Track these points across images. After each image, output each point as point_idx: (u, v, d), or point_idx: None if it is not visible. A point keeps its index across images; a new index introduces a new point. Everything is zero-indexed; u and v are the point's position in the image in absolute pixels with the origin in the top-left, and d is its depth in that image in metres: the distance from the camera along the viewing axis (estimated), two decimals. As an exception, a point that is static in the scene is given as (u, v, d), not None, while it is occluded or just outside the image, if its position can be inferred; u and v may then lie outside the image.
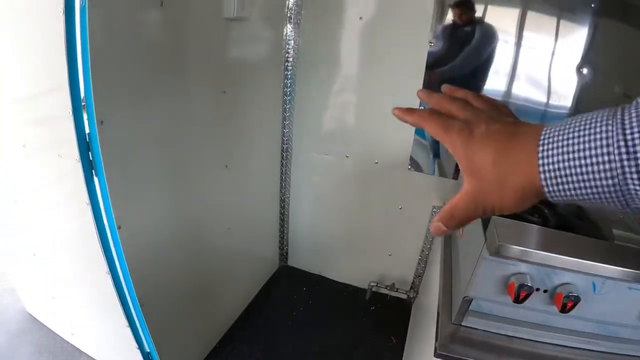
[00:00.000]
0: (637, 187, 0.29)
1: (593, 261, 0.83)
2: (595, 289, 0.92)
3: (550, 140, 0.33)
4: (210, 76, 1.46)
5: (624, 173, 0.29)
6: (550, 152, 0.33)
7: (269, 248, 2.39)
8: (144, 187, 1.27)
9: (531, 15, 1.54)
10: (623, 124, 0.29)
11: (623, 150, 0.29)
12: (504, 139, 0.38)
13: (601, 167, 0.30)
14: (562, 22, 1.51)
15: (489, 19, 1.59)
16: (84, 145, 1.12)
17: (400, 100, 1.49)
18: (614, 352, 1.02)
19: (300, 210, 2.34)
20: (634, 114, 0.29)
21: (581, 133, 0.31)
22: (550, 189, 0.34)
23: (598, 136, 0.30)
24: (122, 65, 1.11)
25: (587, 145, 0.31)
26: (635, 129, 0.28)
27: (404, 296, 2.26)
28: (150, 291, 1.37)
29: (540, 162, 0.34)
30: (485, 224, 0.95)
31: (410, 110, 0.46)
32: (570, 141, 0.32)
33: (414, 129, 1.75)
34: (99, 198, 1.19)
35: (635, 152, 0.28)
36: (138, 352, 1.55)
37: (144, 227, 1.30)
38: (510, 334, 1.04)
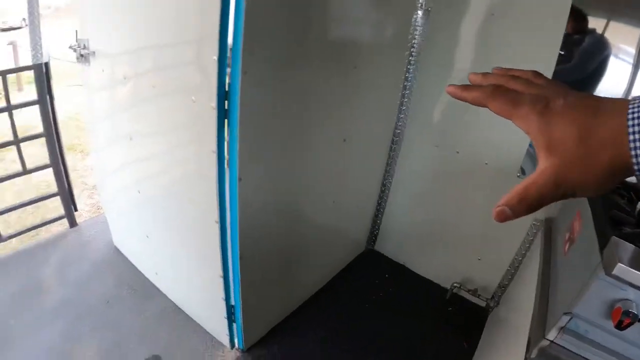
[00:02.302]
0: None
1: None
2: None
3: None
4: (344, 50, 1.45)
5: None
6: None
7: (361, 229, 2.38)
8: (269, 146, 1.29)
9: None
10: None
11: None
12: (588, 113, 0.34)
13: None
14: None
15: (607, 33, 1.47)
16: (223, 94, 1.14)
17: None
18: None
19: (399, 197, 2.30)
20: None
21: None
22: None
23: None
24: (270, 25, 1.12)
25: None
26: None
27: (483, 304, 2.18)
28: (251, 247, 1.40)
29: (631, 137, 0.31)
30: (602, 242, 0.91)
31: (469, 87, 0.42)
32: None
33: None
34: (225, 148, 1.21)
35: None
36: (223, 303, 1.60)
37: (261, 184, 1.32)
38: (602, 364, 0.97)
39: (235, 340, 1.82)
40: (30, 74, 2.34)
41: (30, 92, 7.70)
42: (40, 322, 2.13)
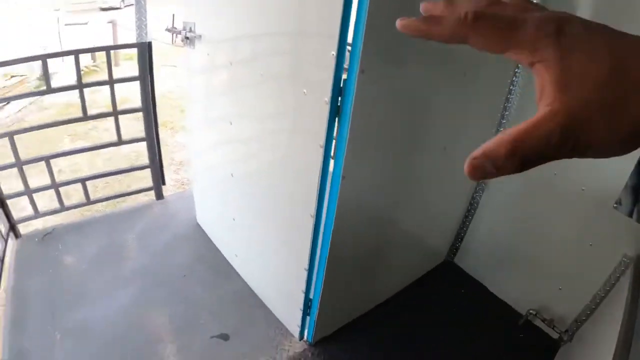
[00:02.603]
0: None
1: None
2: None
3: None
4: (457, 55, 1.38)
5: None
6: None
7: (443, 239, 2.31)
8: (375, 147, 1.27)
9: None
10: None
11: None
12: (622, 43, 0.25)
13: None
14: None
15: None
16: (337, 90, 1.13)
17: None
18: None
19: (487, 213, 2.19)
20: None
21: None
22: None
23: None
24: (391, 26, 1.08)
25: None
26: None
27: (556, 336, 2.03)
28: (340, 245, 1.39)
29: None
30: None
31: (434, 18, 0.29)
32: None
33: (635, 160, 1.50)
34: (333, 143, 1.20)
35: None
36: (301, 295, 1.61)
37: (362, 184, 1.30)
38: None
39: (305, 332, 1.83)
40: (126, 51, 2.47)
41: (126, 68, 8.28)
42: (117, 284, 2.26)
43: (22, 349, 1.93)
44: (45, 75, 2.31)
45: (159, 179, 2.86)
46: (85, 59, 8.11)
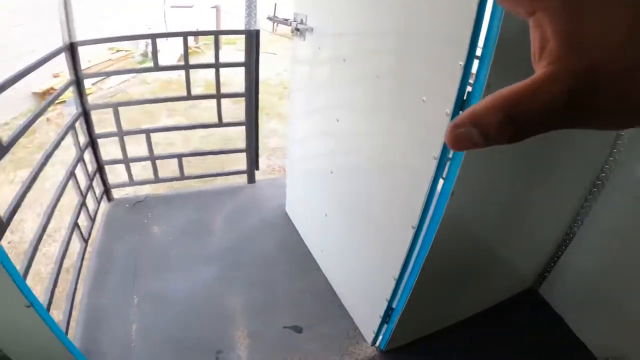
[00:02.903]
0: None
1: None
2: None
3: None
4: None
5: None
6: None
7: (532, 267, 2.15)
8: (490, 167, 1.19)
9: None
10: None
11: None
12: None
13: None
14: None
15: None
16: (460, 102, 1.07)
17: None
18: None
19: (582, 247, 1.97)
20: None
21: None
22: None
23: None
24: (521, 39, 1.00)
25: None
26: None
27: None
28: (434, 259, 1.33)
29: None
30: None
31: None
32: None
33: None
34: (447, 158, 1.14)
35: None
36: (384, 303, 1.58)
37: (469, 203, 1.24)
38: None
39: (379, 340, 1.80)
40: (227, 36, 2.55)
41: (226, 52, 8.69)
42: (200, 259, 2.37)
43: (99, 305, 2.08)
44: (154, 54, 2.49)
45: (253, 163, 2.96)
46: (188, 40, 8.57)
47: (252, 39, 2.43)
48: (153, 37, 2.45)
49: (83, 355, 1.38)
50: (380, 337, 1.78)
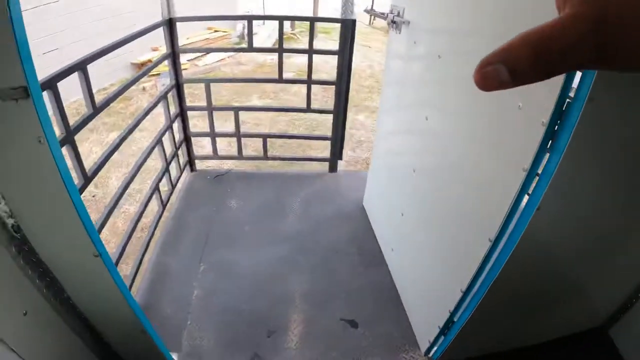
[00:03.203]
0: None
1: None
2: None
3: None
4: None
5: None
6: None
7: (607, 303, 1.91)
8: (582, 187, 1.07)
9: None
10: None
11: None
12: None
13: None
14: None
15: None
16: (558, 113, 0.97)
17: None
18: None
19: None
20: None
21: None
22: None
23: None
24: None
25: None
26: None
27: None
28: (508, 276, 1.24)
29: None
30: None
31: None
32: None
33: None
34: (536, 173, 1.05)
35: None
36: (446, 314, 1.51)
37: (555, 221, 1.13)
38: None
39: (433, 351, 1.73)
40: (322, 24, 2.56)
41: (322, 41, 8.82)
42: (270, 239, 2.43)
43: (166, 266, 2.22)
44: (249, 35, 2.55)
45: (337, 152, 2.97)
46: (284, 25, 8.81)
47: (348, 28, 2.42)
48: (249, 18, 2.54)
49: (141, 310, 1.48)
50: (435, 348, 1.71)
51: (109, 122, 4.95)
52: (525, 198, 1.10)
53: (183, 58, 6.81)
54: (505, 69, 0.23)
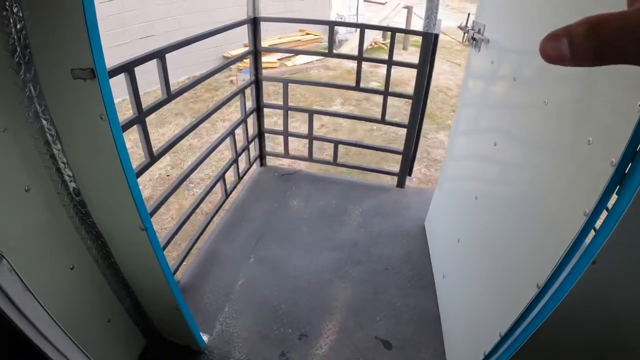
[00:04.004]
0: None
1: None
2: None
3: None
4: None
5: None
6: None
7: None
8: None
9: None
10: None
11: None
12: None
13: None
14: None
15: None
16: (631, 153, 0.84)
17: None
18: None
19: None
20: None
21: None
22: None
23: None
24: None
25: None
26: None
27: None
28: (552, 328, 1.11)
29: None
30: None
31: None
32: None
33: None
34: (601, 215, 0.93)
35: None
36: (480, 355, 1.38)
37: (613, 278, 0.99)
38: None
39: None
40: (416, 38, 2.49)
41: (412, 53, 8.67)
42: (323, 244, 2.42)
43: (218, 252, 2.31)
44: (329, 40, 2.62)
45: (406, 168, 2.90)
46: (376, 35, 8.84)
47: (429, 42, 2.34)
48: (331, 24, 2.58)
49: (178, 288, 1.56)
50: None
51: (194, 109, 5.30)
52: (583, 246, 0.97)
53: (273, 57, 7.16)
54: (566, 42, 0.24)
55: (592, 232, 0.97)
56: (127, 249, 1.43)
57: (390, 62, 2.50)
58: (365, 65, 2.90)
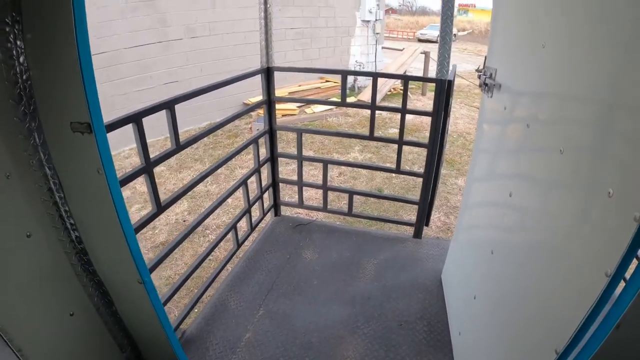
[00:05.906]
0: None
1: None
2: None
3: None
4: None
5: None
6: None
7: None
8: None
9: None
10: None
11: None
12: None
13: None
14: None
15: None
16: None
17: None
18: None
19: None
20: None
21: None
22: None
23: None
24: None
25: None
26: None
27: None
28: None
29: None
30: None
31: None
32: None
33: None
34: (622, 278, 0.82)
35: None
36: None
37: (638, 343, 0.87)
38: None
39: None
40: (432, 84, 2.47)
41: (432, 99, 8.66)
42: (335, 297, 2.32)
43: (227, 301, 2.25)
44: (342, 89, 2.65)
45: (423, 218, 2.79)
46: (395, 80, 8.97)
47: (443, 88, 2.31)
48: (343, 73, 2.60)
49: (179, 343, 1.53)
50: None
51: (214, 155, 5.35)
52: (606, 309, 0.86)
53: (293, 104, 7.31)
54: None
55: (620, 287, 0.86)
56: (127, 300, 1.43)
57: (404, 111, 2.48)
58: (379, 112, 2.89)
